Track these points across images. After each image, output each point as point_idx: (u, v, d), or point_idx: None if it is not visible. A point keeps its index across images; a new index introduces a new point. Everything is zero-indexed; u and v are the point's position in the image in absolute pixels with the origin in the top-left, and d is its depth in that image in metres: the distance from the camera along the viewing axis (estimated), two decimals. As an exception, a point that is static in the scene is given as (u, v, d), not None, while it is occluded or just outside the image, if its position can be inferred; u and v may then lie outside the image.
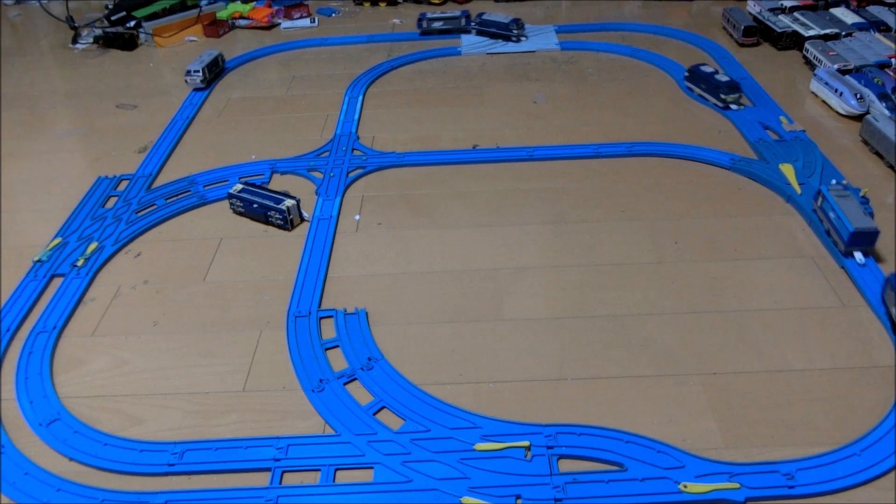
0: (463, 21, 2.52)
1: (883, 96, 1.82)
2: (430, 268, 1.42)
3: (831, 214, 1.37)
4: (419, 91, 2.17)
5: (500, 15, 2.49)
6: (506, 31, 2.42)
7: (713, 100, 1.93)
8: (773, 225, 1.48)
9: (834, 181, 1.52)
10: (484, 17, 2.49)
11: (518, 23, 2.42)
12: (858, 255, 1.33)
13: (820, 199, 1.42)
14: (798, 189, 1.55)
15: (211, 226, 1.59)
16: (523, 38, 2.38)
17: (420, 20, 2.56)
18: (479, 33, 2.47)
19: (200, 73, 2.19)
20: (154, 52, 2.61)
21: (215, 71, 2.28)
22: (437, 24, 2.53)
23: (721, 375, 1.14)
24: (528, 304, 1.32)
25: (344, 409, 1.12)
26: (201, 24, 2.70)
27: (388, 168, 1.77)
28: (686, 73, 2.05)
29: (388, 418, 1.11)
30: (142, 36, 2.66)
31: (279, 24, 2.74)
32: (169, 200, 1.68)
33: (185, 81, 2.19)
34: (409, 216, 1.59)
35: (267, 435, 1.09)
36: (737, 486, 0.96)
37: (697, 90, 1.99)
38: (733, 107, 1.86)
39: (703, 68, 1.98)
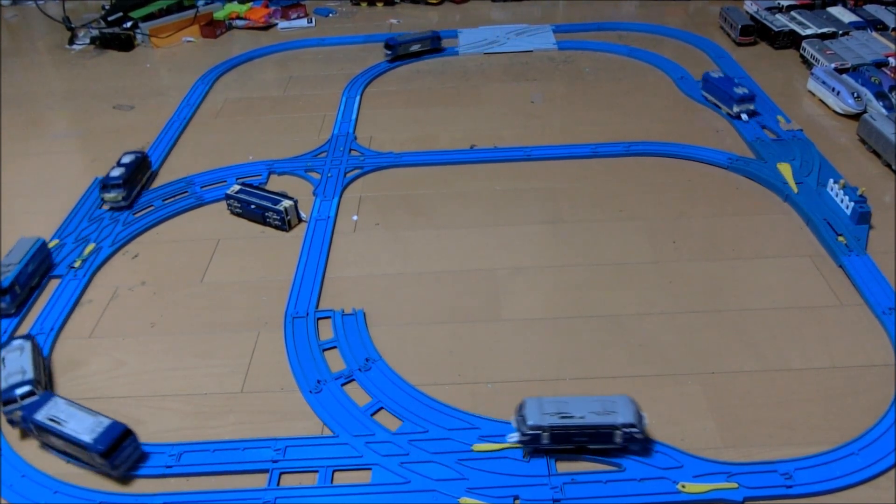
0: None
1: (880, 95, 1.82)
2: (427, 268, 1.42)
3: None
4: (417, 91, 2.16)
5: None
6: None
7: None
8: (771, 224, 1.48)
9: (831, 179, 1.52)
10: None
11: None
12: None
13: None
14: (795, 188, 1.55)
15: (208, 227, 1.59)
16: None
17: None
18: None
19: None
20: (151, 52, 2.60)
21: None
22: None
23: (719, 375, 1.14)
24: (526, 305, 1.32)
25: (342, 411, 1.12)
26: (198, 24, 2.70)
27: (386, 168, 1.77)
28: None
29: (386, 419, 1.10)
30: (139, 37, 2.66)
31: (276, 24, 2.74)
32: (166, 201, 1.67)
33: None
34: (406, 216, 1.59)
35: (265, 436, 1.08)
36: (735, 485, 0.96)
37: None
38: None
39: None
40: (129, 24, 2.65)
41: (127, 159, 1.70)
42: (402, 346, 1.24)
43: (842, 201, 1.47)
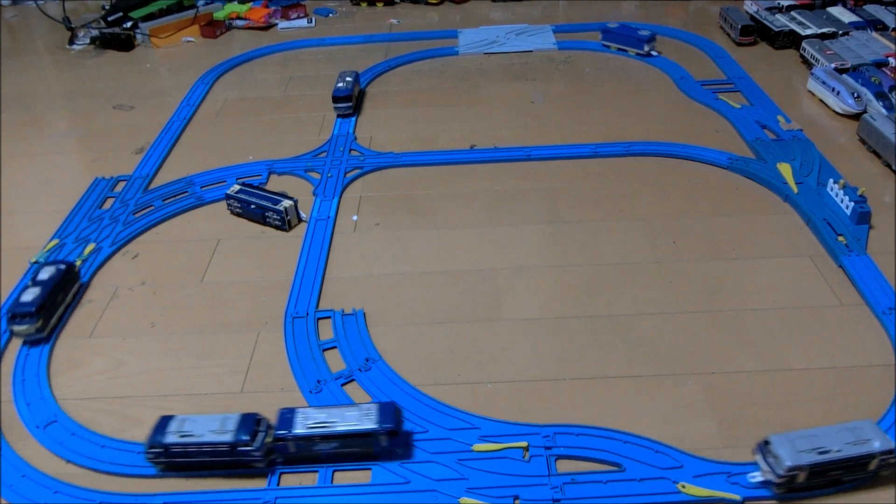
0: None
1: (880, 95, 1.82)
2: (427, 268, 1.42)
3: None
4: (417, 91, 2.17)
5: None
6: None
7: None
8: (771, 224, 1.48)
9: (831, 179, 1.52)
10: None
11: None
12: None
13: None
14: (795, 188, 1.55)
15: (208, 227, 1.59)
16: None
17: None
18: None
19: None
20: (151, 52, 2.60)
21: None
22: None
23: (719, 375, 1.14)
24: (526, 305, 1.31)
25: (342, 411, 1.11)
26: (198, 24, 2.70)
27: (386, 168, 1.77)
28: None
29: (387, 419, 1.10)
30: (138, 37, 2.66)
31: (276, 24, 2.74)
32: (166, 201, 1.67)
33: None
34: (406, 216, 1.59)
35: (265, 436, 1.08)
36: (737, 497, 0.95)
37: None
38: None
39: None
40: (129, 24, 2.65)
41: (45, 274, 1.30)
42: (402, 345, 1.24)
43: (842, 201, 1.47)
